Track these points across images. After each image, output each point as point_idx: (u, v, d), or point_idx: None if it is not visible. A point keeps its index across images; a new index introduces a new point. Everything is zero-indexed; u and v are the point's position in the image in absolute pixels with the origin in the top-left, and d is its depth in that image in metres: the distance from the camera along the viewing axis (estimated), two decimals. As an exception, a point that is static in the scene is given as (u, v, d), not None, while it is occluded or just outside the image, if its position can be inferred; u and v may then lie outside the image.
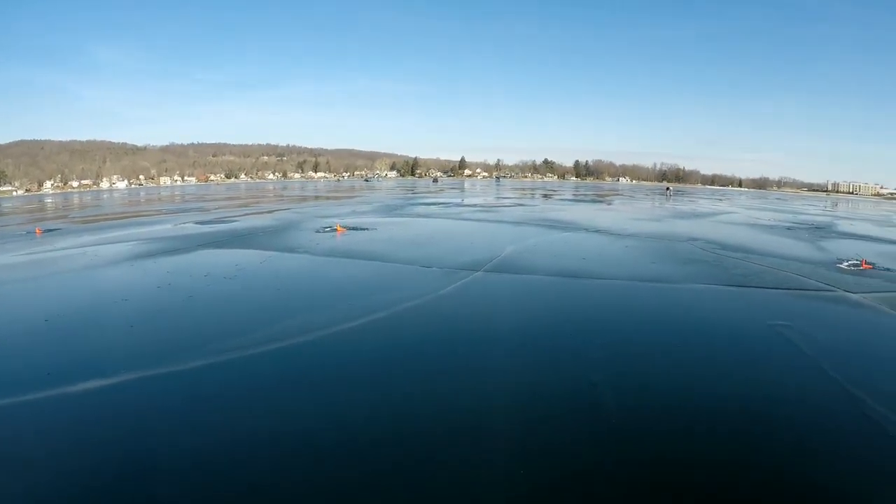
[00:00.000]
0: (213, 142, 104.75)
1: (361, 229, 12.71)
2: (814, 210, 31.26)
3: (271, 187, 55.44)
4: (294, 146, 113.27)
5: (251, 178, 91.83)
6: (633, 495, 2.66)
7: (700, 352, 5.10)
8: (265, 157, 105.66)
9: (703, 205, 30.37)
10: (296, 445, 2.93)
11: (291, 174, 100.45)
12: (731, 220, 19.90)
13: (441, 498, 2.52)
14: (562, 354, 4.59)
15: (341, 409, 3.38)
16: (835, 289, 7.94)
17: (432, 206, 21.54)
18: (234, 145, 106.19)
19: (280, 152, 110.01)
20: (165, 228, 13.64)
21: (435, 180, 79.69)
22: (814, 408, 3.99)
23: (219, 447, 2.91)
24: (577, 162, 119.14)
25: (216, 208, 21.32)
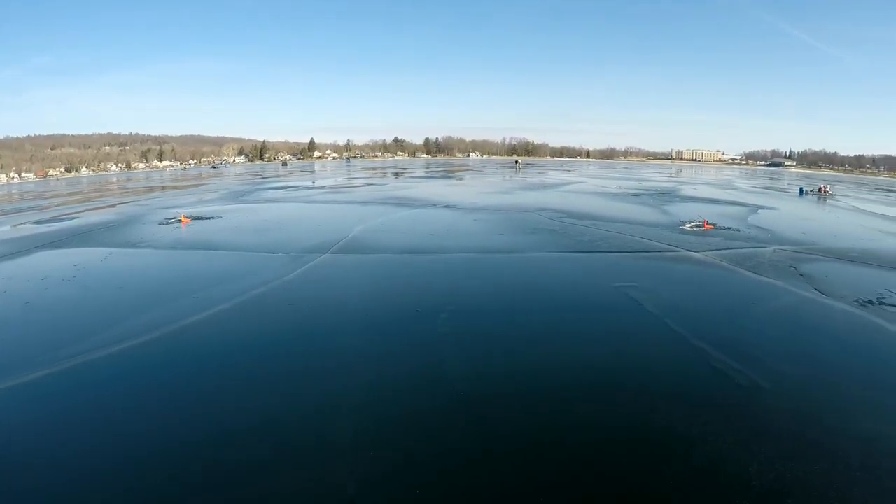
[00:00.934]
0: (51, 133, 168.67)
1: (207, 218, 20.22)
2: (658, 177, 57.10)
3: (115, 179, 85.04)
4: (137, 134, 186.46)
5: (93, 170, 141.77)
6: (492, 459, 5.06)
7: (548, 315, 8.56)
8: (107, 148, 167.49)
9: (552, 176, 53.05)
10: (144, 449, 5.49)
11: (136, 164, 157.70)
12: (578, 190, 34.54)
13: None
14: (409, 328, 7.80)
15: (192, 408, 5.81)
16: (678, 249, 13.41)
17: (280, 191, 34.99)
18: (73, 136, 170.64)
19: (123, 141, 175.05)
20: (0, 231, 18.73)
21: (284, 164, 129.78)
22: (659, 360, 6.77)
23: (66, 460, 5.34)
24: (427, 139, 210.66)
25: (56, 205, 31.89)
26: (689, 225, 17.45)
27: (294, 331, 7.63)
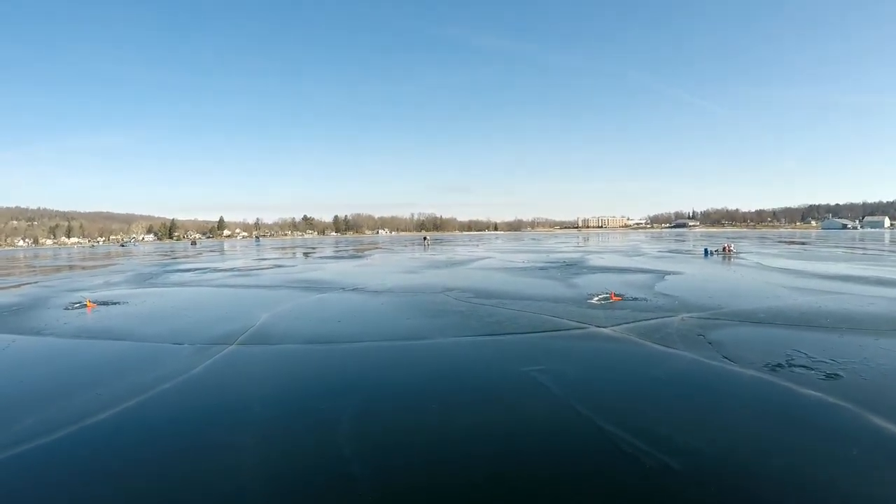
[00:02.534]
0: None
1: (113, 303, 20.99)
2: (566, 247, 61.15)
3: (21, 255, 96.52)
4: (45, 209, 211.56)
5: None
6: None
7: (455, 407, 8.49)
8: (14, 222, 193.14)
9: (460, 252, 56.44)
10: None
11: (43, 240, 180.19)
12: (486, 266, 36.14)
13: None
14: (312, 426, 7.78)
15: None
16: (586, 325, 13.73)
17: (188, 273, 36.70)
18: None
19: (30, 216, 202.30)
20: None
21: (193, 243, 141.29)
22: (566, 447, 6.69)
23: None
24: (336, 217, 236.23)
25: None
26: (596, 298, 17.97)
27: (199, 432, 7.66)
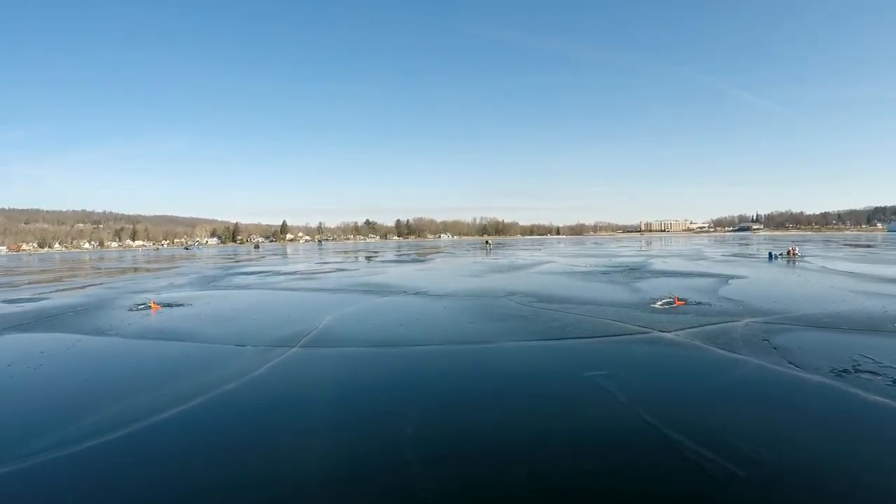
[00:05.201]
0: (26, 207, 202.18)
1: (177, 305, 21.24)
2: (628, 251, 58.96)
3: (87, 258, 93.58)
4: (111, 213, 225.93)
5: (66, 247, 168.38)
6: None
7: (518, 414, 8.33)
8: (80, 225, 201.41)
9: (522, 256, 55.95)
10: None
11: (108, 243, 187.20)
12: (548, 270, 35.60)
13: None
14: (376, 429, 7.71)
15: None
16: (649, 330, 13.50)
17: (251, 276, 36.96)
18: (47, 212, 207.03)
19: (96, 219, 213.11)
20: (-33, 310, 21.16)
21: (256, 246, 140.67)
22: (631, 455, 6.56)
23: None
24: (398, 221, 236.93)
25: (27, 283, 37.17)
26: (659, 302, 17.70)
27: (260, 433, 7.70)
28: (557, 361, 11.24)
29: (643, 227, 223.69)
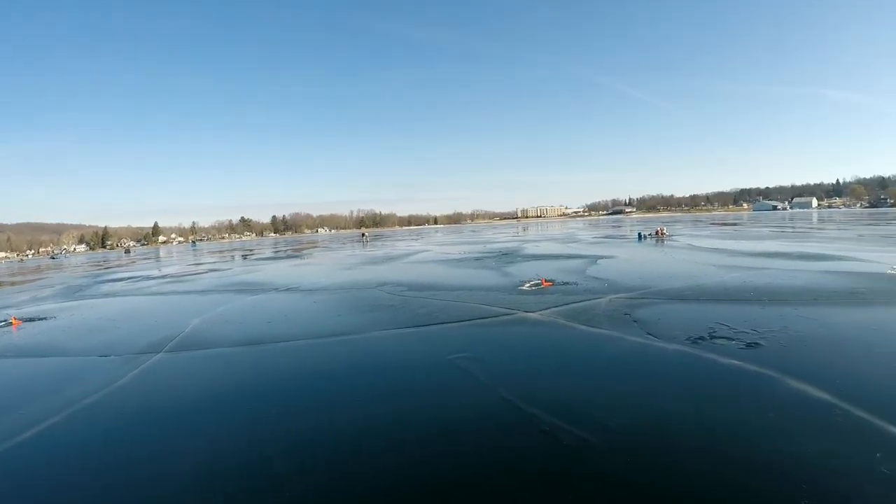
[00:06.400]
0: None
1: (40, 319, 20.23)
2: (503, 237, 61.19)
3: None
4: None
5: None
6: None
7: (378, 401, 8.39)
8: None
9: (399, 247, 56.75)
10: None
11: None
12: (422, 259, 36.40)
13: None
14: (235, 428, 7.64)
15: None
16: (515, 311, 13.86)
17: (120, 283, 35.72)
18: None
19: None
20: None
21: (127, 251, 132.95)
22: (488, 430, 6.73)
23: None
24: (274, 217, 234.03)
25: None
26: (527, 285, 18.17)
27: (119, 444, 7.50)
28: (422, 347, 11.38)
29: (520, 214, 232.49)
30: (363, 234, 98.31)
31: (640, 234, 44.91)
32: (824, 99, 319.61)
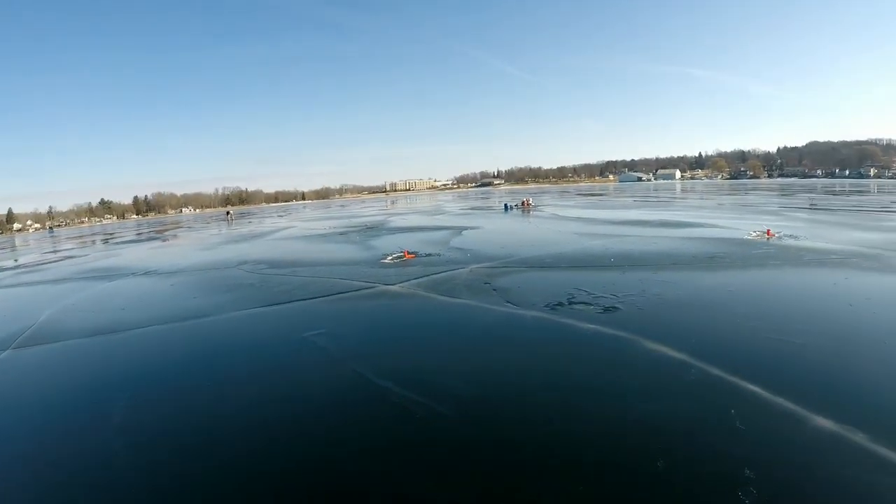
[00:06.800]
0: None
1: None
2: (371, 211, 63.23)
3: None
4: None
5: None
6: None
7: (229, 383, 8.13)
8: None
9: (264, 224, 55.83)
10: None
11: None
12: (286, 236, 35.68)
13: None
14: (83, 422, 7.21)
15: None
16: (375, 284, 13.65)
17: None
18: None
19: None
20: None
21: None
22: (340, 406, 6.62)
23: None
24: (136, 198, 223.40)
25: None
26: (390, 257, 18.08)
27: None
28: (276, 326, 11.04)
29: (389, 188, 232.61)
30: (228, 213, 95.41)
31: (506, 206, 45.82)
32: (690, 77, 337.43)
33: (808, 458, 4.82)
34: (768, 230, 19.46)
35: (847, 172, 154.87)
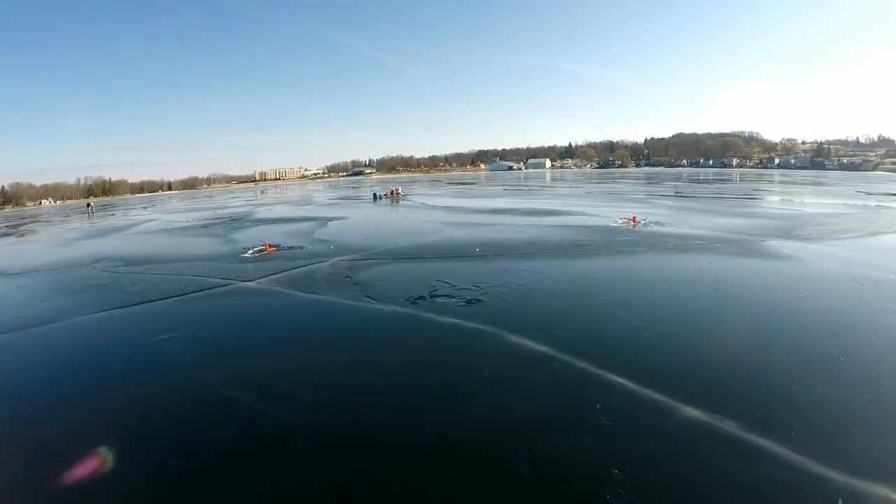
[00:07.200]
0: None
1: None
2: (237, 202, 59.71)
3: None
4: None
5: None
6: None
7: (63, 399, 7.31)
8: None
9: (128, 216, 52.65)
10: None
11: None
12: (147, 230, 33.18)
13: None
14: None
15: None
16: (233, 281, 12.91)
17: None
18: None
19: None
20: None
21: None
22: (182, 422, 6.09)
23: None
24: None
25: None
26: (251, 251, 17.35)
27: None
28: (124, 332, 10.08)
29: (258, 177, 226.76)
30: (88, 205, 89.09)
31: (375, 195, 45.54)
32: (560, 70, 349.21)
33: (678, 451, 4.76)
34: (634, 217, 20.19)
35: (711, 162, 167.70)
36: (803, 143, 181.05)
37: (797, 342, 7.48)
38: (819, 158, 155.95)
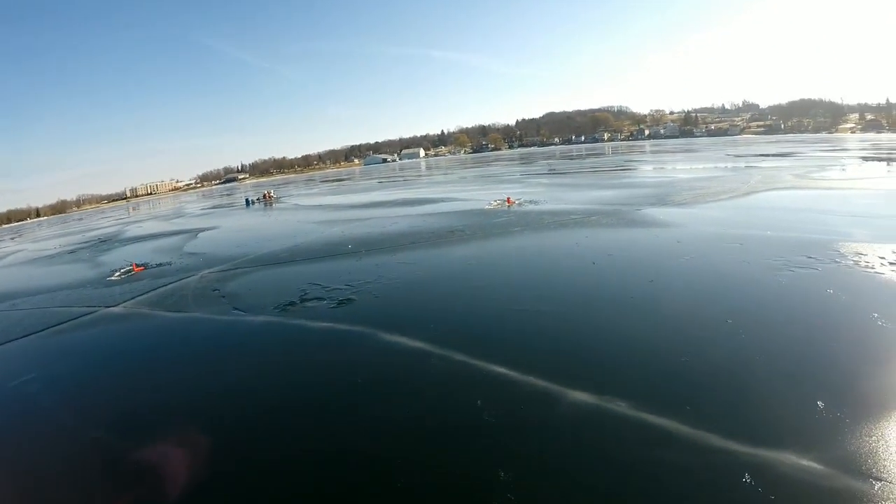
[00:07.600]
0: None
1: None
2: (107, 222, 56.41)
3: None
4: None
5: None
6: None
7: None
8: None
9: None
10: None
11: None
12: (12, 262, 30.51)
13: None
14: None
15: None
16: (97, 308, 12.14)
17: None
18: None
19: None
20: None
21: None
22: (44, 466, 5.67)
23: None
24: None
25: None
26: (117, 273, 16.56)
27: None
28: None
29: (129, 194, 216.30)
30: None
31: (247, 200, 44.63)
32: (430, 59, 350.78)
33: (570, 443, 4.61)
34: (508, 198, 20.73)
35: (583, 138, 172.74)
36: (671, 112, 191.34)
37: (682, 309, 7.51)
38: (687, 127, 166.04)
